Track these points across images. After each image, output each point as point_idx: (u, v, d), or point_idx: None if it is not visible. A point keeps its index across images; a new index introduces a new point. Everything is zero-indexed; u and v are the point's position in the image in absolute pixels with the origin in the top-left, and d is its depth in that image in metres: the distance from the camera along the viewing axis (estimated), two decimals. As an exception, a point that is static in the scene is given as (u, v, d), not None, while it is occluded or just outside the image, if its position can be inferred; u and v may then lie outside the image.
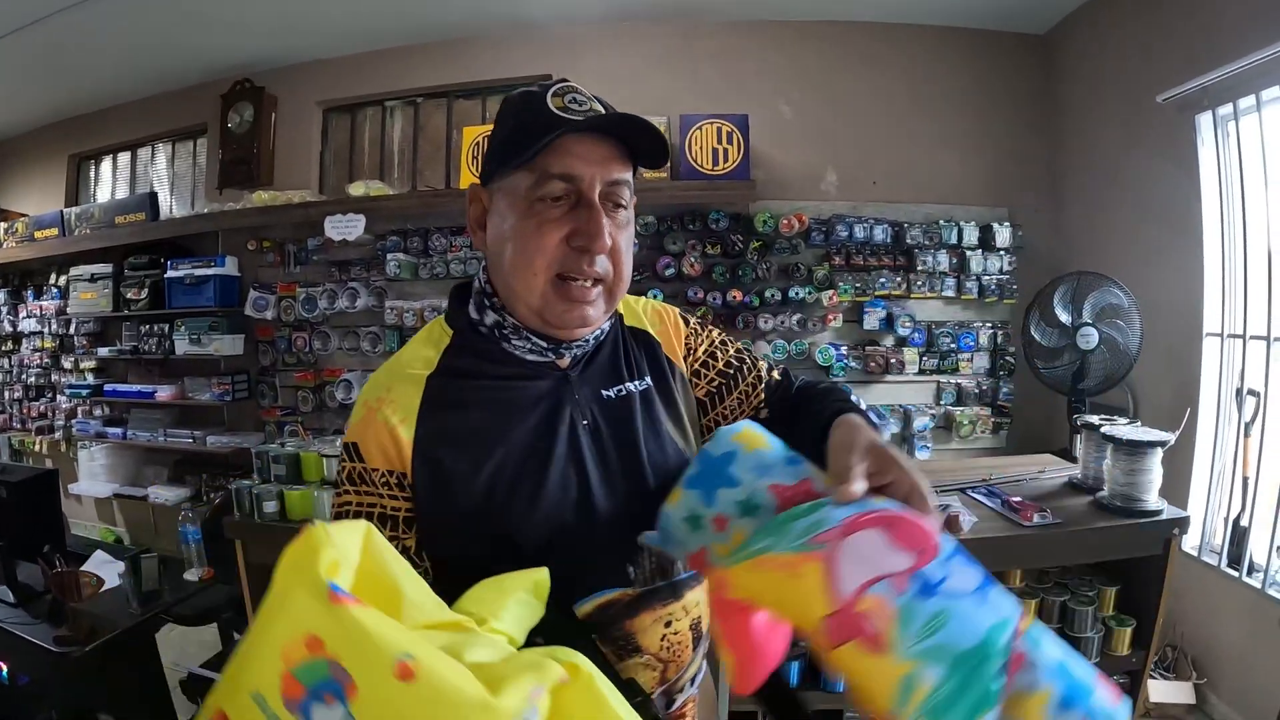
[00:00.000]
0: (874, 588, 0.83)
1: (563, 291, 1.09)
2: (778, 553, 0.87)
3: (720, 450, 1.06)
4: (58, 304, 6.12)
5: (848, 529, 0.85)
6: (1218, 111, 3.61)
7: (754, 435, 1.08)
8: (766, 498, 1.00)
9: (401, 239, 4.92)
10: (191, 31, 4.88)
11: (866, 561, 0.84)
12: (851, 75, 4.82)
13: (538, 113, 1.06)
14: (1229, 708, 3.53)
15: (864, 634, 0.83)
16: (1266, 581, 3.34)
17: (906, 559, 0.84)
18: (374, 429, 1.11)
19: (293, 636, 0.59)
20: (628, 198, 1.12)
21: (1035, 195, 4.80)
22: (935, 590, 0.84)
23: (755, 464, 1.03)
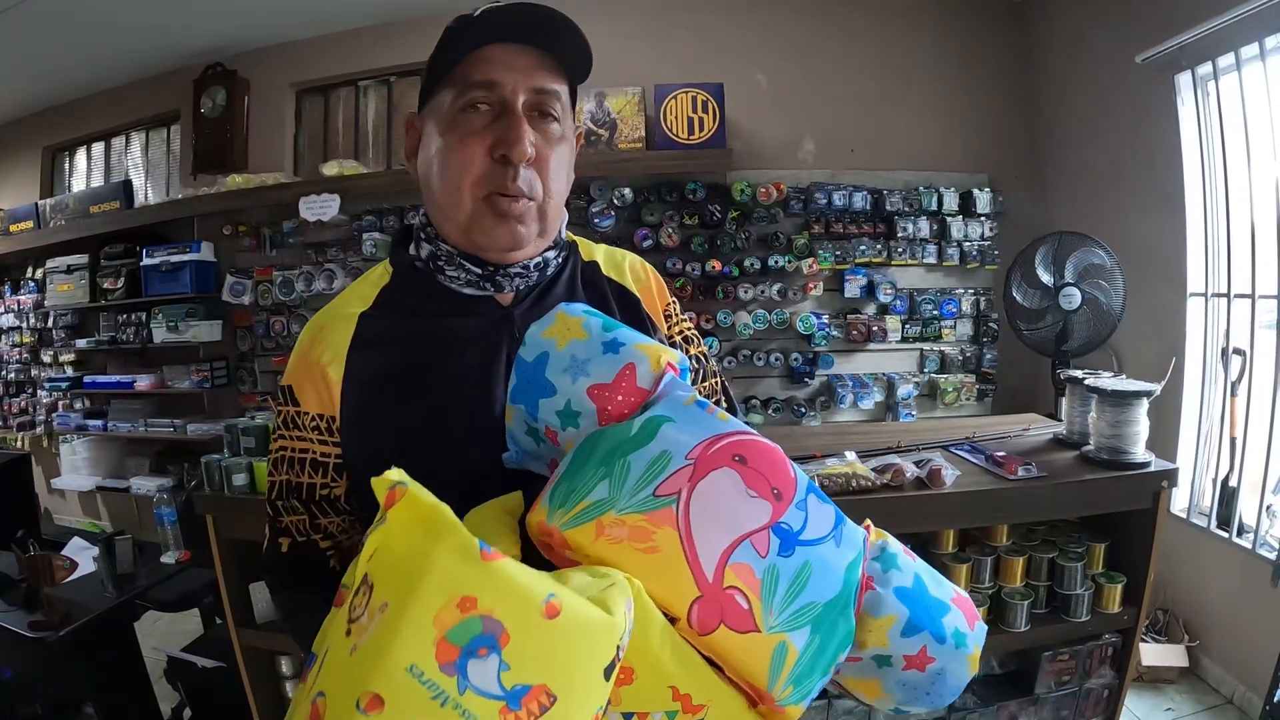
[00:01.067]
0: (736, 553, 0.79)
1: (491, 207, 1.04)
2: (620, 514, 0.78)
3: (533, 354, 0.96)
4: (35, 298, 6.07)
5: (698, 469, 0.80)
6: (1197, 71, 3.60)
7: (568, 324, 0.97)
8: (586, 404, 0.91)
9: (377, 218, 4.86)
10: (162, 17, 4.82)
11: (723, 518, 0.80)
12: (828, 43, 4.79)
13: (462, 26, 1.02)
14: (1221, 669, 3.54)
15: (736, 615, 0.78)
16: (1256, 542, 3.35)
17: (764, 508, 0.81)
18: (306, 370, 1.10)
19: (445, 602, 0.60)
20: (559, 110, 1.07)
21: (1015, 160, 4.79)
22: (795, 543, 0.82)
23: (568, 362, 0.93)
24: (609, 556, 0.78)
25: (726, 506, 0.80)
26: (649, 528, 0.78)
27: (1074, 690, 2.52)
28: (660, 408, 0.86)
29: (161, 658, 3.36)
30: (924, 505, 2.28)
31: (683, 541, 0.77)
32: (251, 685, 2.71)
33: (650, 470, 0.80)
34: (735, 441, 0.82)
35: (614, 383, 0.90)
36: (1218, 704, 3.46)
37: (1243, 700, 3.37)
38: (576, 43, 1.07)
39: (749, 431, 0.85)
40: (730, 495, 0.80)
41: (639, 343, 0.94)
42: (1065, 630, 2.45)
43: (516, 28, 1.02)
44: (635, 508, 0.78)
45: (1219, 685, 3.53)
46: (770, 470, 0.82)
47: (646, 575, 0.77)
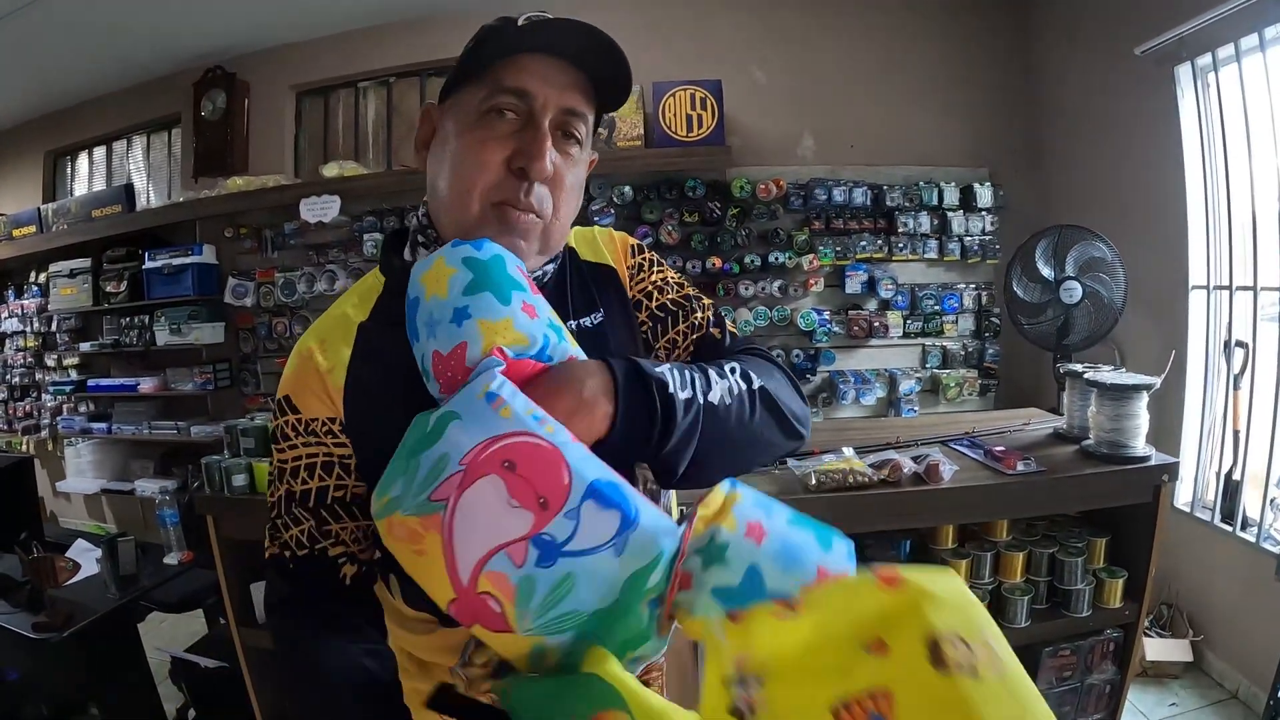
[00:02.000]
0: (491, 562, 0.78)
1: (500, 215, 1.01)
2: (404, 515, 0.81)
3: (410, 293, 0.95)
4: (38, 302, 6.08)
5: (467, 476, 0.79)
6: (1197, 62, 3.59)
7: (440, 274, 0.93)
8: (429, 368, 0.91)
9: (378, 219, 4.87)
10: (162, 20, 4.84)
11: (482, 528, 0.78)
12: (826, 38, 4.78)
13: (503, 29, 1.00)
14: (1226, 664, 3.52)
15: (488, 616, 0.79)
16: (1261, 535, 3.33)
17: (524, 519, 0.78)
18: (307, 378, 1.06)
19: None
20: (583, 134, 1.06)
21: (1016, 154, 4.78)
22: (558, 554, 0.78)
23: (426, 318, 0.92)
24: (396, 552, 0.83)
25: (486, 516, 0.78)
26: (420, 531, 0.79)
27: (1075, 686, 2.52)
28: (456, 399, 0.85)
29: (165, 658, 3.37)
30: (921, 501, 2.28)
31: (444, 548, 0.78)
32: (254, 685, 2.72)
33: (431, 473, 0.80)
34: (508, 445, 0.80)
35: (449, 355, 0.89)
36: (1222, 699, 3.45)
37: (1247, 695, 3.35)
38: (620, 72, 1.05)
39: (528, 432, 0.81)
40: (491, 505, 0.78)
41: (484, 318, 0.89)
42: (1066, 626, 2.45)
43: (564, 44, 1.01)
44: (413, 510, 0.80)
45: (1223, 680, 3.52)
46: (539, 478, 0.79)
47: (416, 575, 0.82)
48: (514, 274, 0.94)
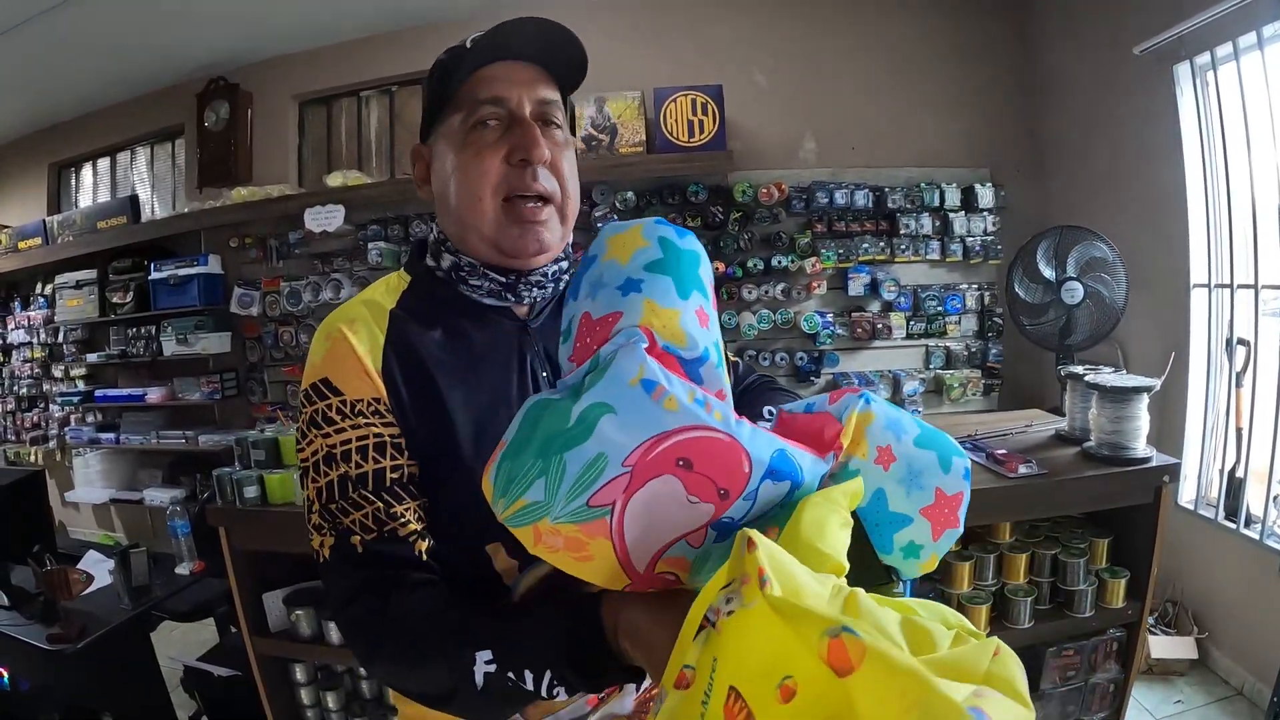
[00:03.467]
0: (670, 551, 0.76)
1: (513, 214, 1.07)
2: (555, 522, 0.74)
3: (591, 251, 0.88)
4: (45, 313, 6.12)
5: (634, 480, 0.73)
6: (1195, 61, 3.59)
7: (630, 240, 0.86)
8: (574, 327, 0.84)
9: (382, 227, 4.90)
10: (165, 32, 4.86)
11: (659, 526, 0.75)
12: (826, 41, 4.79)
13: (456, 54, 1.07)
14: (1231, 661, 3.53)
15: (661, 585, 0.79)
16: (1264, 532, 3.34)
17: (704, 511, 0.75)
18: (345, 359, 1.04)
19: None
20: (561, 118, 1.12)
21: (1016, 154, 4.79)
22: (735, 528, 0.75)
23: (596, 277, 0.84)
24: (549, 559, 0.78)
25: (663, 514, 0.75)
26: (583, 539, 0.75)
27: (1079, 686, 2.53)
28: (606, 386, 0.74)
29: (178, 667, 3.39)
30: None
31: (616, 551, 0.75)
32: (267, 693, 2.75)
33: (586, 475, 0.73)
34: (681, 443, 0.73)
35: (598, 321, 0.82)
36: (1227, 695, 3.46)
37: (1252, 692, 3.36)
38: (574, 52, 1.10)
39: (700, 425, 0.74)
40: (668, 504, 0.74)
41: (653, 299, 0.81)
42: (1069, 626, 2.46)
43: (515, 46, 1.07)
44: (570, 518, 0.74)
45: (1229, 677, 3.53)
46: (718, 472, 0.74)
47: (579, 574, 0.78)
48: (703, 276, 0.87)
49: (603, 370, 0.75)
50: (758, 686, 0.56)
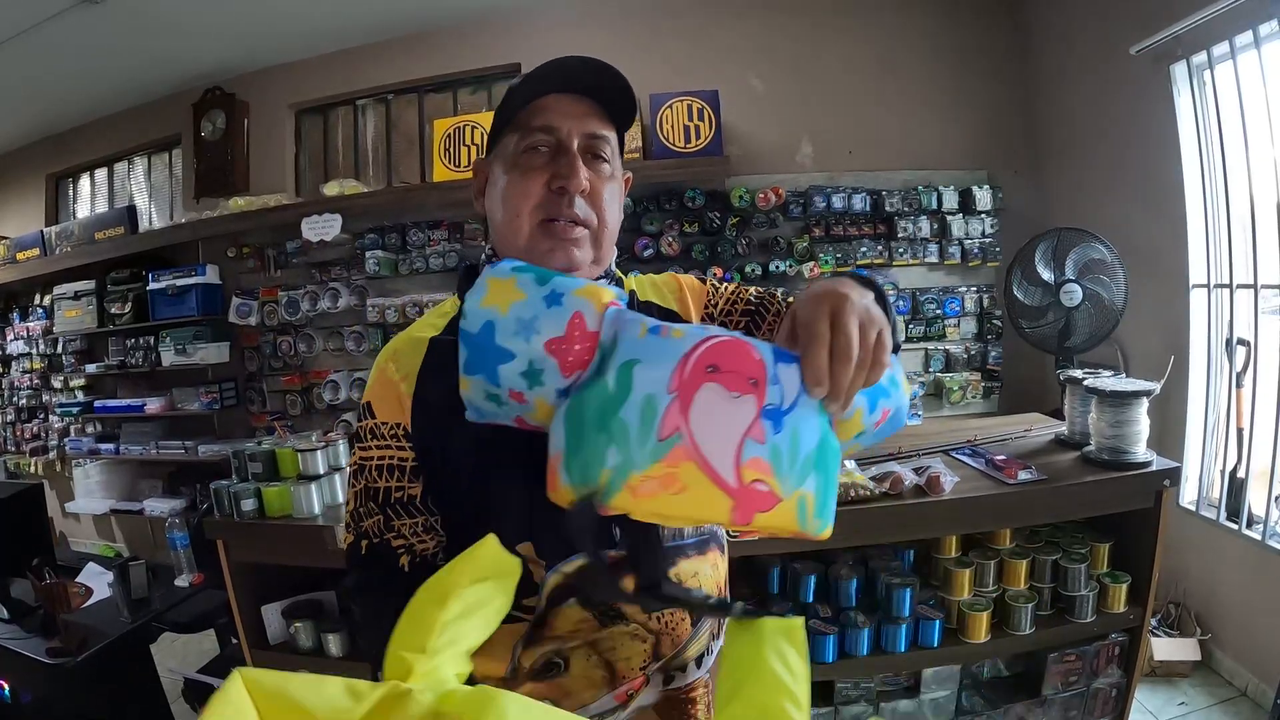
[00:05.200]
0: (744, 453, 0.83)
1: (547, 232, 1.14)
2: (642, 471, 0.82)
3: (476, 325, 0.93)
4: (44, 324, 6.12)
5: (683, 398, 0.83)
6: (1192, 60, 3.59)
7: (502, 288, 0.93)
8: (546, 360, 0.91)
9: (379, 236, 4.91)
10: (160, 42, 4.87)
11: (723, 429, 0.84)
12: (821, 45, 4.79)
13: (523, 80, 1.14)
14: (1235, 662, 3.52)
15: (762, 500, 0.84)
16: (1267, 533, 3.33)
17: (749, 403, 0.85)
18: (383, 386, 1.18)
19: None
20: (609, 153, 1.18)
21: (1014, 155, 4.78)
22: (782, 416, 0.86)
23: (516, 325, 0.91)
24: (652, 510, 0.84)
25: (720, 417, 0.83)
26: (673, 470, 0.82)
27: (1081, 691, 2.53)
28: (623, 350, 0.87)
29: (179, 679, 3.39)
30: (923, 513, 2.30)
31: (701, 468, 0.82)
32: (267, 707, 2.74)
33: (645, 418, 0.83)
34: (701, 355, 0.85)
35: (567, 334, 0.90)
36: (1231, 696, 3.45)
37: (1256, 693, 3.35)
38: (623, 93, 1.17)
39: (708, 336, 0.87)
40: (719, 405, 0.84)
41: (577, 288, 0.93)
42: (1070, 631, 2.46)
43: (572, 80, 1.14)
44: (650, 458, 0.82)
45: (1232, 678, 3.52)
46: (740, 364, 0.85)
47: (686, 511, 0.85)
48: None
49: (614, 347, 0.87)
50: None
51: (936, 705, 2.54)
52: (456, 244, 4.79)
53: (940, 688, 2.53)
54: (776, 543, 2.10)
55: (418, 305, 4.73)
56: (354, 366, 5.07)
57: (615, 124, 1.20)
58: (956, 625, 2.47)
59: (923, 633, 2.43)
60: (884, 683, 2.55)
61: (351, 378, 4.99)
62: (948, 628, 2.46)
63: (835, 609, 2.50)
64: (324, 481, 2.74)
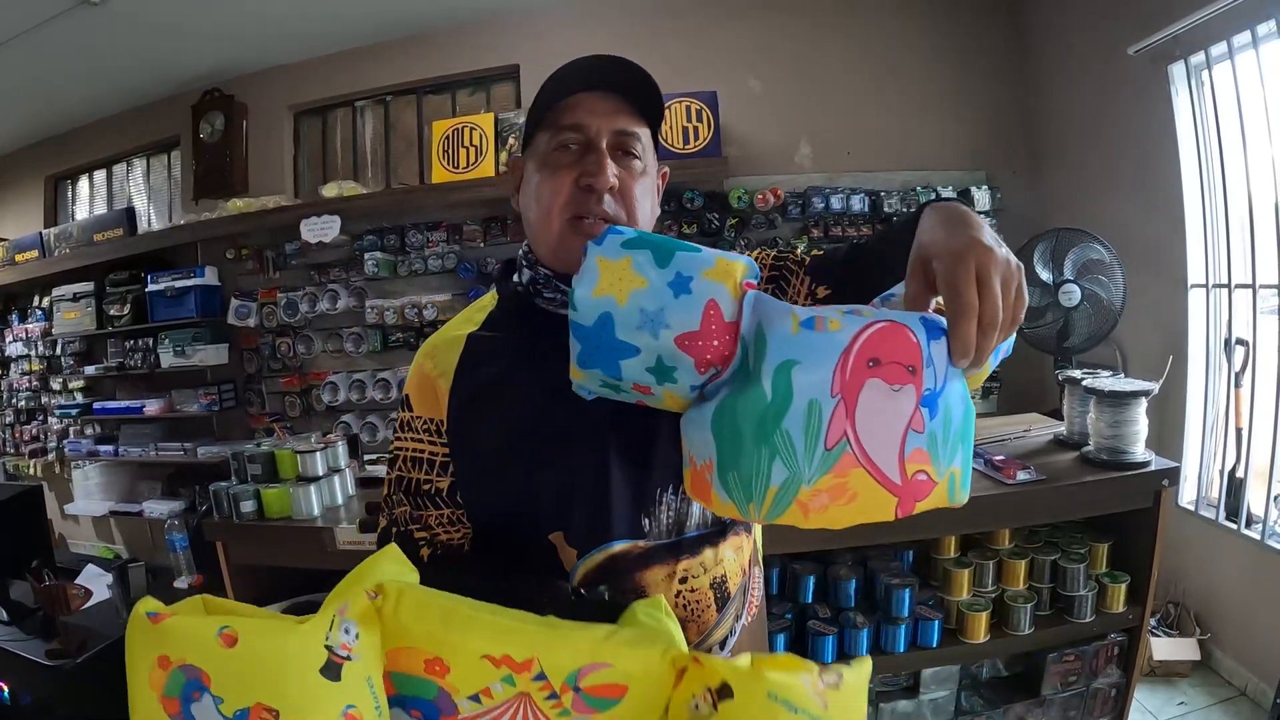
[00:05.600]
0: (907, 447, 0.81)
1: (577, 228, 1.15)
2: (812, 484, 0.79)
3: (591, 317, 0.87)
4: (43, 326, 6.12)
5: (847, 401, 0.79)
6: (1190, 60, 3.60)
7: (614, 272, 0.87)
8: (681, 358, 0.85)
9: (378, 237, 4.91)
10: (159, 44, 4.89)
11: (888, 428, 0.80)
12: (820, 46, 4.81)
13: (552, 79, 1.16)
14: (1234, 662, 3.53)
15: (923, 489, 0.83)
16: (1266, 533, 3.34)
17: (909, 394, 0.80)
18: (420, 381, 1.24)
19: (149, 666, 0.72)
20: (640, 150, 1.18)
21: (1012, 156, 4.80)
22: (936, 398, 0.82)
23: (640, 318, 0.85)
24: (821, 523, 0.82)
25: (884, 415, 0.80)
26: (841, 481, 0.80)
27: (1081, 691, 2.53)
28: (775, 348, 0.81)
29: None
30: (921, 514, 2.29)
31: (870, 473, 0.80)
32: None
33: (810, 427, 0.79)
34: (861, 348, 0.79)
35: (702, 328, 0.83)
36: (1230, 696, 3.45)
37: (1256, 692, 3.36)
38: (650, 91, 1.17)
39: (864, 323, 0.81)
40: (882, 403, 0.79)
41: (706, 268, 0.86)
42: (1070, 631, 2.46)
43: (600, 77, 1.15)
44: (821, 470, 0.79)
45: (1231, 678, 3.52)
46: (899, 352, 0.80)
47: (854, 519, 0.82)
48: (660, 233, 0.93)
49: (762, 341, 0.82)
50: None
51: (936, 705, 2.54)
52: (455, 245, 4.79)
53: (940, 688, 2.54)
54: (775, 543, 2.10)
55: (416, 307, 4.74)
56: (353, 368, 5.07)
57: (647, 120, 1.20)
58: (955, 625, 2.47)
59: (922, 633, 2.43)
60: (883, 683, 2.55)
61: (350, 379, 4.99)
62: (947, 628, 2.47)
63: (834, 609, 2.50)
64: (323, 483, 2.75)
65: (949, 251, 0.83)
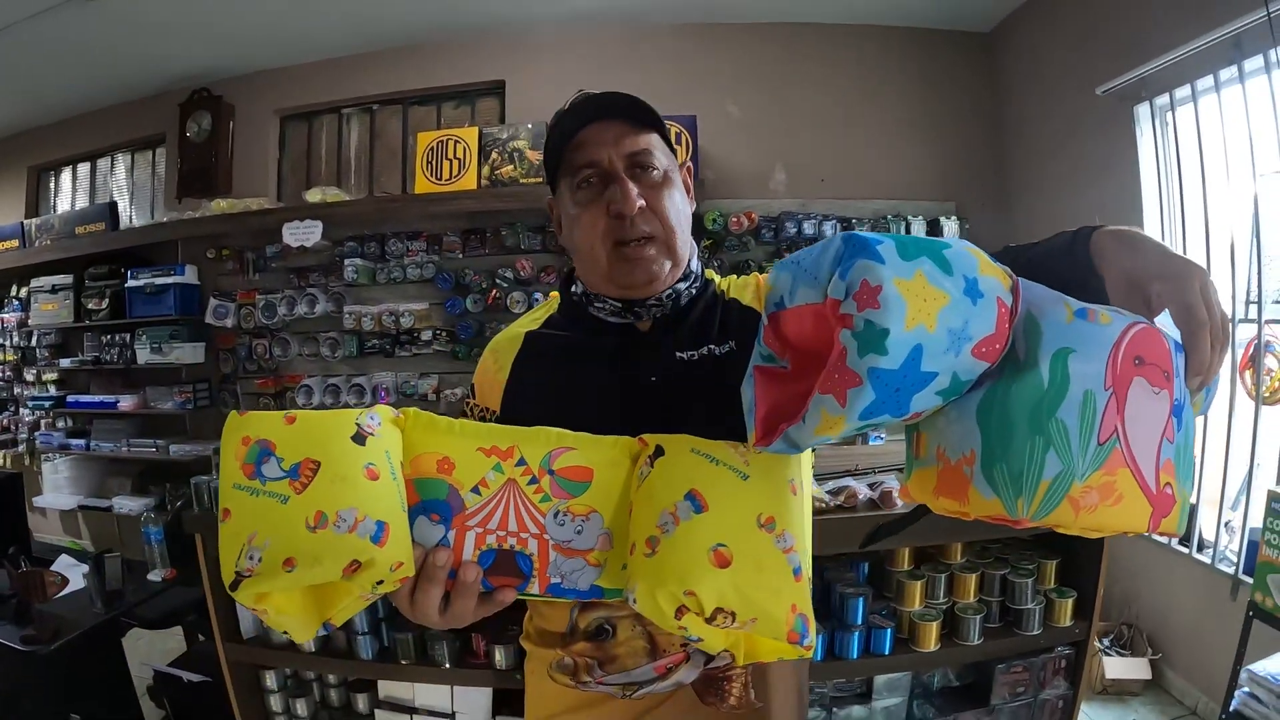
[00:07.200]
0: (1161, 455, 0.79)
1: (622, 256, 1.23)
2: (1084, 480, 0.76)
3: (900, 357, 0.75)
4: (19, 316, 6.07)
5: (1117, 396, 0.77)
6: (1155, 102, 3.73)
7: (917, 293, 0.75)
8: (974, 366, 0.79)
9: (359, 244, 4.93)
10: (149, 42, 4.91)
11: (1149, 431, 0.78)
12: (799, 75, 4.91)
13: (556, 127, 1.26)
14: (1184, 681, 3.64)
15: (1166, 505, 0.80)
16: (1216, 557, 3.45)
17: (1164, 399, 0.79)
18: (484, 374, 1.36)
19: (238, 444, 0.88)
20: (656, 160, 1.25)
21: (982, 188, 4.90)
22: (1184, 412, 0.81)
23: (948, 340, 0.76)
24: (1087, 525, 0.79)
25: (1148, 417, 0.78)
26: (1110, 479, 0.77)
27: (1029, 701, 2.61)
28: (1050, 335, 0.78)
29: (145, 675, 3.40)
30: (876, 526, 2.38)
31: (1135, 476, 0.77)
32: (238, 699, 2.78)
33: (1084, 420, 0.76)
34: (1129, 344, 0.78)
35: (998, 329, 0.79)
36: (1181, 714, 3.56)
37: (1205, 710, 3.46)
38: (643, 105, 1.24)
39: (1129, 321, 0.80)
40: (1146, 404, 0.78)
41: (977, 263, 0.81)
42: (1018, 643, 2.54)
43: (595, 111, 1.23)
44: (1093, 466, 0.76)
45: (1182, 696, 3.63)
46: (1159, 356, 0.79)
47: (1116, 524, 0.79)
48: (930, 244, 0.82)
49: (1035, 329, 0.79)
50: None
51: (889, 712, 2.61)
52: (435, 256, 4.82)
53: (892, 695, 2.61)
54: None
55: (394, 314, 4.76)
56: (328, 372, 5.08)
57: (651, 128, 1.26)
58: (908, 634, 2.54)
59: (875, 641, 2.50)
60: (837, 688, 2.62)
61: (325, 383, 5.01)
62: (899, 637, 2.53)
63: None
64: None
65: (1174, 274, 0.85)
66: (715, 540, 0.88)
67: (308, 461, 0.85)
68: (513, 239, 4.66)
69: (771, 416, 0.90)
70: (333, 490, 0.84)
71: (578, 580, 0.94)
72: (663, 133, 1.29)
